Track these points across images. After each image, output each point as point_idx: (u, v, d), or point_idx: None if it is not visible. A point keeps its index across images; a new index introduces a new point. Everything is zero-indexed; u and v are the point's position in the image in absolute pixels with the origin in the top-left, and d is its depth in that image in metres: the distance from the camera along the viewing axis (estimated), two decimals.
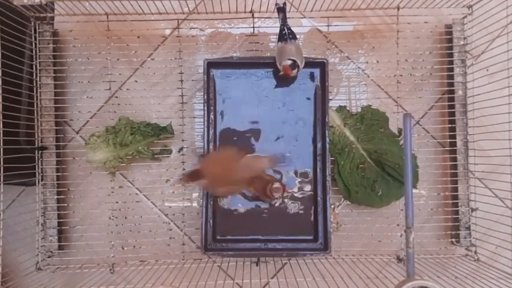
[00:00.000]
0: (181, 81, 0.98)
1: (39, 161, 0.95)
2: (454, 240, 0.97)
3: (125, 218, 0.98)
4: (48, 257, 0.94)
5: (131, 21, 0.98)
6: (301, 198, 0.94)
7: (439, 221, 0.99)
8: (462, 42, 0.97)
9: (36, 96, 0.95)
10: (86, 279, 0.92)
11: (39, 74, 0.96)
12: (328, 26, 1.00)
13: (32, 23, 0.94)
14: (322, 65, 0.94)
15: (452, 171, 0.98)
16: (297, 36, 1.00)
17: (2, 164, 0.82)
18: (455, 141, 0.97)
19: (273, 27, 1.01)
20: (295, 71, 0.87)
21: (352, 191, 0.95)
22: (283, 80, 0.94)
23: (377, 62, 1.01)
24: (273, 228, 0.93)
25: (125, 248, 0.97)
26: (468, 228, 0.96)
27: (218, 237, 0.93)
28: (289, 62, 0.86)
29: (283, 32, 0.88)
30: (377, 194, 0.95)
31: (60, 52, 0.99)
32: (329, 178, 0.92)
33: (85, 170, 0.99)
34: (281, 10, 0.88)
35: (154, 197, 1.00)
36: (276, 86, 0.96)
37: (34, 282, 0.90)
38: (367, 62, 1.01)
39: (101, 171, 0.97)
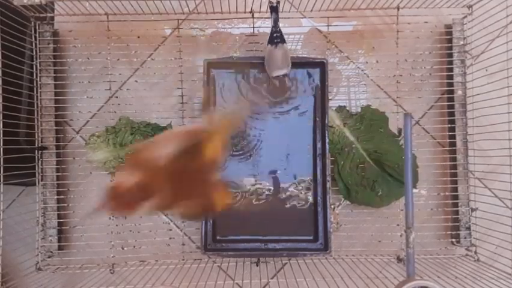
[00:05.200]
0: (181, 81, 0.98)
1: (39, 161, 0.95)
2: (454, 240, 0.97)
3: (125, 218, 0.98)
4: (49, 257, 0.94)
5: (131, 21, 0.98)
6: (301, 198, 0.94)
7: (439, 221, 0.99)
8: (462, 42, 0.97)
9: (36, 96, 0.95)
10: (86, 279, 0.92)
11: (40, 74, 0.96)
12: (328, 26, 1.00)
13: (32, 23, 0.94)
14: (322, 65, 0.94)
15: (452, 171, 0.98)
16: (296, 37, 1.01)
17: (2, 164, 0.82)
18: (455, 141, 0.97)
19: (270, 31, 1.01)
20: (286, 80, 0.92)
21: (352, 191, 0.95)
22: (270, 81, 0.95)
23: (377, 62, 1.01)
24: (273, 228, 0.93)
25: (125, 248, 0.97)
26: (468, 228, 0.96)
27: (218, 237, 0.93)
28: (277, 82, 0.92)
29: (274, 36, 0.88)
30: (377, 194, 0.95)
31: (61, 52, 0.99)
32: (328, 178, 0.92)
33: (85, 170, 0.98)
34: (274, 10, 0.88)
35: None
36: (268, 89, 0.96)
37: (34, 282, 0.90)
38: (367, 62, 1.01)
39: (101, 171, 0.97)
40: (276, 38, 0.88)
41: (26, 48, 0.93)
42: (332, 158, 0.95)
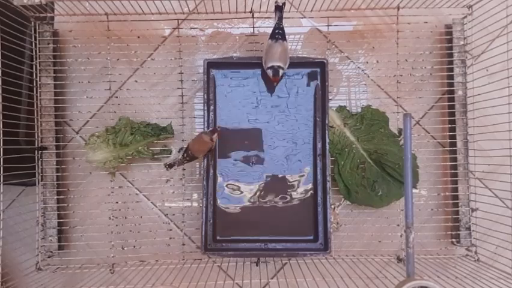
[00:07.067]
0: (181, 81, 0.98)
1: (39, 161, 0.95)
2: (454, 240, 0.97)
3: (125, 218, 0.98)
4: (49, 257, 0.94)
5: (131, 21, 0.98)
6: (301, 198, 0.94)
7: (439, 221, 0.99)
8: (462, 42, 0.97)
9: (36, 96, 0.95)
10: (86, 279, 0.92)
11: (39, 74, 0.96)
12: (328, 26, 1.00)
13: (32, 23, 0.94)
14: (322, 65, 0.94)
15: (452, 171, 0.98)
16: (296, 36, 1.01)
17: (2, 164, 0.82)
18: (455, 141, 0.97)
19: (272, 27, 1.01)
20: (280, 71, 0.89)
21: (352, 191, 0.95)
22: (270, 81, 0.94)
23: (377, 62, 1.01)
24: (273, 228, 0.93)
25: (125, 248, 0.97)
26: (468, 228, 0.96)
27: (218, 237, 0.93)
28: (270, 72, 0.89)
29: (276, 31, 0.88)
30: (377, 194, 0.95)
31: (60, 52, 0.99)
32: (329, 178, 0.92)
33: (85, 170, 0.99)
34: (279, 9, 0.88)
35: (154, 197, 1.00)
36: (269, 89, 0.96)
37: (34, 282, 0.90)
38: (367, 62, 1.01)
39: (101, 171, 0.97)
40: (278, 34, 0.88)
41: (26, 48, 0.93)
42: (332, 158, 0.95)
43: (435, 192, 0.99)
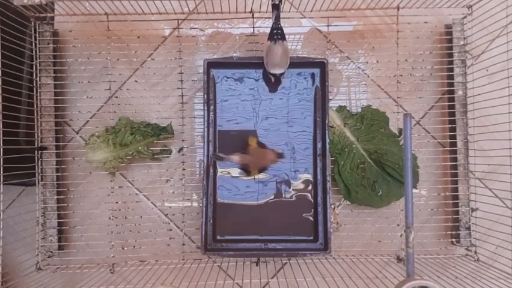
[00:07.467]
0: (181, 81, 0.98)
1: (39, 161, 0.95)
2: (454, 240, 0.97)
3: (125, 218, 0.98)
4: (49, 257, 0.94)
5: (131, 21, 0.98)
6: (301, 198, 0.94)
7: (439, 221, 0.99)
8: (462, 42, 0.97)
9: (36, 96, 0.95)
10: (86, 279, 0.92)
11: (39, 74, 0.96)
12: (328, 26, 1.00)
13: (32, 23, 0.94)
14: (322, 65, 0.94)
15: (452, 171, 0.98)
16: (296, 36, 1.01)
17: (2, 164, 0.82)
18: (455, 141, 0.97)
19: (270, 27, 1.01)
20: (282, 77, 0.90)
21: (352, 191, 0.95)
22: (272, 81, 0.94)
23: (377, 62, 1.01)
24: (273, 228, 0.93)
25: (125, 248, 0.97)
26: (468, 228, 0.96)
27: (218, 237, 0.93)
28: (272, 77, 0.90)
29: (274, 32, 0.88)
30: (377, 194, 0.95)
31: (60, 52, 0.99)
32: (329, 178, 0.92)
33: (84, 170, 0.99)
34: (276, 7, 0.88)
35: (154, 197, 1.00)
36: (269, 89, 0.96)
37: (34, 282, 0.90)
38: (367, 62, 1.01)
39: (101, 171, 0.97)
40: (276, 34, 0.87)
41: (26, 48, 0.93)
42: (332, 158, 0.96)
43: (435, 192, 1.00)
